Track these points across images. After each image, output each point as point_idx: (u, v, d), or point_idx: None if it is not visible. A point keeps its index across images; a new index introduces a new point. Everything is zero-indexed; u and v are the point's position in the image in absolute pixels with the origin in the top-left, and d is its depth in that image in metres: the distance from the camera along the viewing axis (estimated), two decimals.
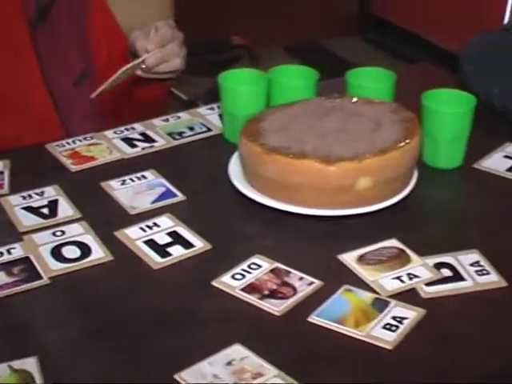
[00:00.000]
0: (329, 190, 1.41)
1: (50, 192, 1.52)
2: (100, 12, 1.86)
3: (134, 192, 1.52)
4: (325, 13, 4.85)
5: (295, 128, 1.49)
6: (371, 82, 1.68)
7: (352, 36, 4.61)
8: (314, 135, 1.46)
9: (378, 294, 1.27)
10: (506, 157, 1.63)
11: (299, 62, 4.25)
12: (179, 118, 1.78)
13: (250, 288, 1.29)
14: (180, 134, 1.72)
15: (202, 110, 1.82)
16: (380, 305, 1.25)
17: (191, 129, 1.74)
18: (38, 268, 1.32)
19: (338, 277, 1.31)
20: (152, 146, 1.68)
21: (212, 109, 1.79)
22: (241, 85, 1.66)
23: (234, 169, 1.53)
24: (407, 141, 1.44)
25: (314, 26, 4.69)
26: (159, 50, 1.68)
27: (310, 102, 1.59)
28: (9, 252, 1.35)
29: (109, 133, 1.72)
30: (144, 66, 1.68)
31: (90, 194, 1.53)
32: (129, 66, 1.64)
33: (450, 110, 1.56)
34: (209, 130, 1.74)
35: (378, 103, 1.56)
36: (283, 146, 1.43)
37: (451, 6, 4.01)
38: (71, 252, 1.36)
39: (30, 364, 1.13)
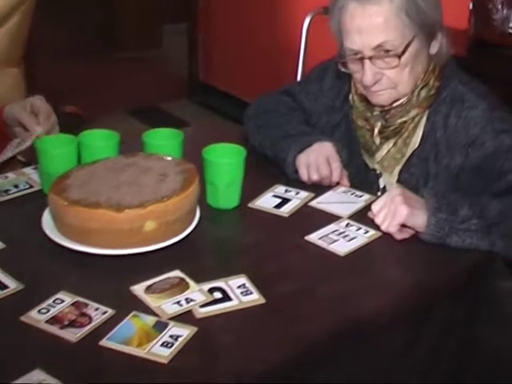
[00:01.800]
0: (121, 233, 1.41)
1: None
2: None
3: None
4: (161, 79, 4.88)
5: (94, 182, 1.49)
6: (163, 140, 1.70)
7: (184, 98, 4.64)
8: (109, 187, 1.47)
9: (160, 317, 1.28)
10: (275, 196, 1.68)
11: (143, 124, 4.30)
12: (7, 177, 1.75)
13: (53, 320, 1.28)
14: (6, 191, 1.69)
15: (27, 169, 1.79)
16: (160, 326, 1.26)
17: (16, 186, 1.71)
18: None
19: (128, 305, 1.31)
20: None
21: (35, 168, 1.77)
22: (53, 148, 1.65)
23: (47, 219, 1.52)
24: (185, 189, 1.46)
25: (153, 91, 4.71)
26: (47, 123, 1.73)
27: (110, 160, 1.60)
28: None
29: None
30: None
31: None
32: (27, 143, 1.70)
33: (223, 160, 1.60)
34: (31, 186, 1.72)
35: (166, 158, 1.58)
36: (82, 198, 1.43)
37: (258, 73, 4.11)
38: None
39: None
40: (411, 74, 1.70)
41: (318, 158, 1.71)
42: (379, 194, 1.79)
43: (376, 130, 1.77)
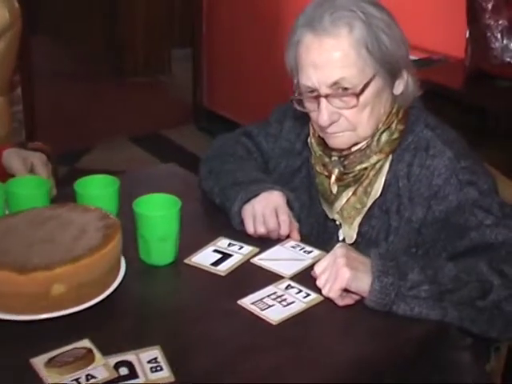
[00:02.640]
0: (26, 297, 1.29)
1: None
2: None
3: None
4: (167, 105, 4.79)
5: (9, 238, 1.37)
6: (96, 189, 1.58)
7: (188, 125, 4.53)
8: (21, 246, 1.35)
9: None
10: (216, 251, 1.54)
11: (145, 151, 4.20)
12: None
13: None
14: None
15: None
16: None
17: None
18: None
19: (25, 381, 1.18)
20: None
21: None
22: None
23: None
24: (101, 248, 1.33)
25: (158, 117, 4.62)
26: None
27: (33, 211, 1.47)
28: None
29: None
30: None
31: None
32: None
33: (155, 213, 1.47)
34: None
35: (91, 210, 1.45)
36: None
37: (263, 100, 3.99)
38: None
39: None
40: (372, 115, 1.55)
41: (265, 209, 1.57)
42: None
43: (333, 177, 1.62)
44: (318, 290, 1.40)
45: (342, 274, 1.35)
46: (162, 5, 5.22)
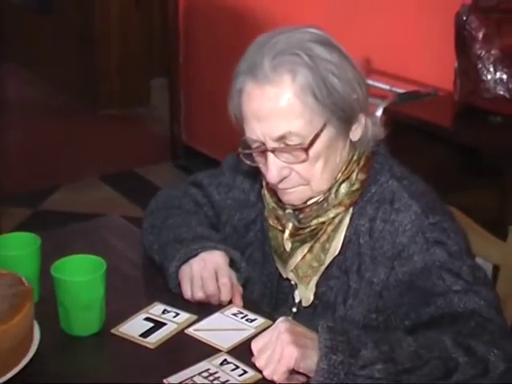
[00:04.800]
0: None
1: None
2: None
3: None
4: (143, 140, 4.75)
5: None
6: (13, 249, 1.51)
7: (164, 162, 4.48)
8: None
9: None
10: (147, 319, 1.47)
11: (115, 192, 4.14)
12: None
13: None
14: None
15: None
16: None
17: None
18: None
19: None
20: None
21: None
22: None
23: None
24: (5, 321, 1.27)
25: (130, 153, 4.57)
26: None
27: None
28: None
29: None
30: None
31: None
32: None
33: (74, 278, 1.40)
34: None
35: (1, 275, 1.39)
36: None
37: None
38: None
39: None
40: (326, 167, 1.49)
41: (204, 272, 1.50)
42: (294, 310, 1.58)
43: (287, 232, 1.56)
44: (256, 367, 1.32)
45: (289, 353, 1.27)
46: (139, 31, 5.20)
